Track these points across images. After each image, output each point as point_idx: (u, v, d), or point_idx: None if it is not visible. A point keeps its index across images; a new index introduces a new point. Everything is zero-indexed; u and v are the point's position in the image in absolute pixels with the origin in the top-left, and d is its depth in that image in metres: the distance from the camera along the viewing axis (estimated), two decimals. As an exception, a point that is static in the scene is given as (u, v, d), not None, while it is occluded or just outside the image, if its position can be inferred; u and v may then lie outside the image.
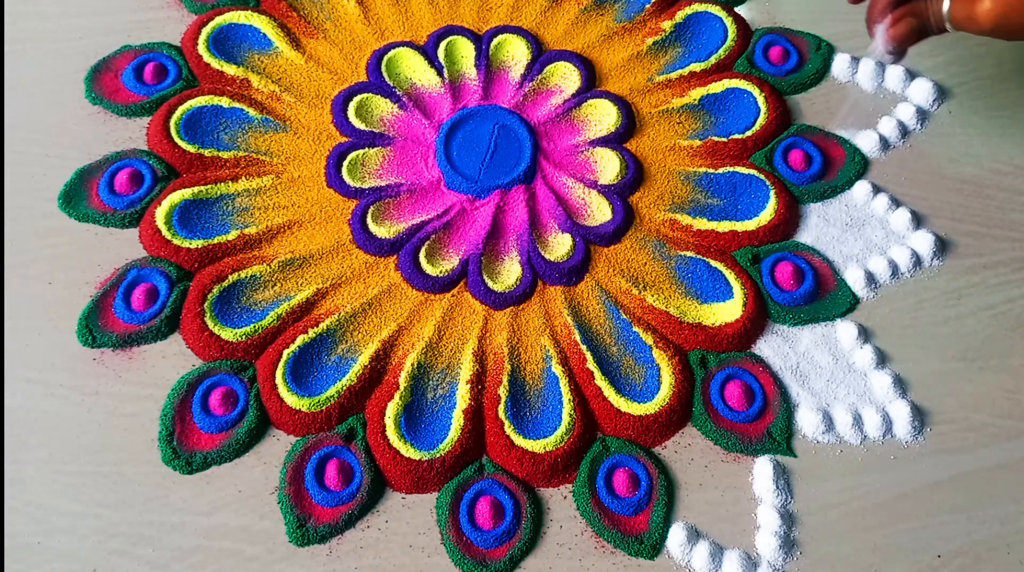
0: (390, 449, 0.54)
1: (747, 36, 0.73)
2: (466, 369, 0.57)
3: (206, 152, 0.65)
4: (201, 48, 0.69)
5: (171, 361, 0.58)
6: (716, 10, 0.74)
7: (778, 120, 0.68)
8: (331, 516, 0.53)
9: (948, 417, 0.58)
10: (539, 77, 0.70)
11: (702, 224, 0.64)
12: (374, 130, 0.67)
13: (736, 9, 0.75)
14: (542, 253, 0.62)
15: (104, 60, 0.69)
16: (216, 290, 0.59)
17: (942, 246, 0.64)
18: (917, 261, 0.63)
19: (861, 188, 0.66)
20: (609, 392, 0.57)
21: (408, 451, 0.54)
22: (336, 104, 0.68)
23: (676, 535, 0.53)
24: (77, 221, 0.63)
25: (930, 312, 0.62)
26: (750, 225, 0.64)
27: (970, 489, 0.55)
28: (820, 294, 0.62)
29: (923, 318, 0.61)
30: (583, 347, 0.58)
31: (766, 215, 0.64)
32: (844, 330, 0.60)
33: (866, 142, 0.68)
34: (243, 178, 0.64)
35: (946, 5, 0.49)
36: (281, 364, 0.57)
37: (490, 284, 0.61)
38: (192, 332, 0.58)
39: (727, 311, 0.60)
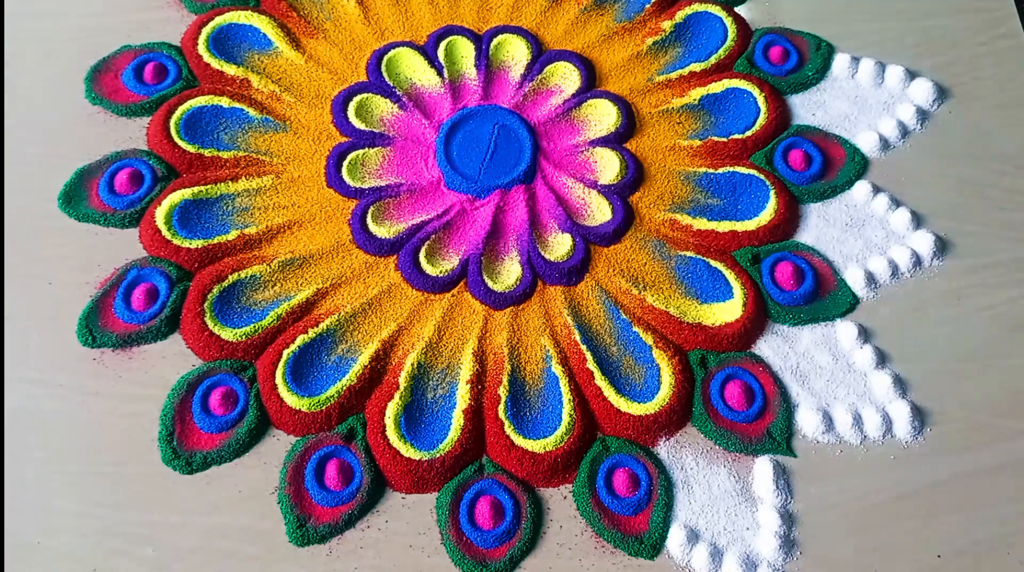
0: (390, 449, 0.54)
1: (747, 36, 0.73)
2: (466, 369, 0.57)
3: (206, 152, 0.65)
4: (201, 48, 0.69)
5: (171, 361, 0.58)
6: (716, 10, 0.74)
7: (778, 120, 0.68)
8: (331, 516, 0.53)
9: (948, 417, 0.58)
10: (539, 77, 0.70)
11: (702, 224, 0.64)
12: (374, 130, 0.67)
13: (736, 9, 0.75)
14: (542, 253, 0.62)
15: (104, 60, 0.69)
16: (216, 290, 0.59)
17: (942, 246, 0.64)
18: (917, 261, 0.63)
19: (861, 188, 0.66)
20: (609, 392, 0.57)
21: (408, 451, 0.54)
22: (336, 104, 0.68)
23: (676, 535, 0.53)
24: (77, 221, 0.62)
25: (930, 312, 0.62)
26: (750, 225, 0.64)
27: (970, 489, 0.55)
28: (820, 294, 0.62)
29: (923, 318, 0.61)
30: (583, 347, 0.58)
31: (766, 215, 0.64)
32: (844, 330, 0.60)
33: (866, 142, 0.68)
34: (243, 178, 0.64)
35: None
36: (281, 364, 0.57)
37: (490, 284, 0.60)
38: (192, 332, 0.58)
39: (727, 311, 0.60)
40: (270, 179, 0.65)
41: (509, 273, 0.61)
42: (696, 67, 0.71)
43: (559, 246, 0.63)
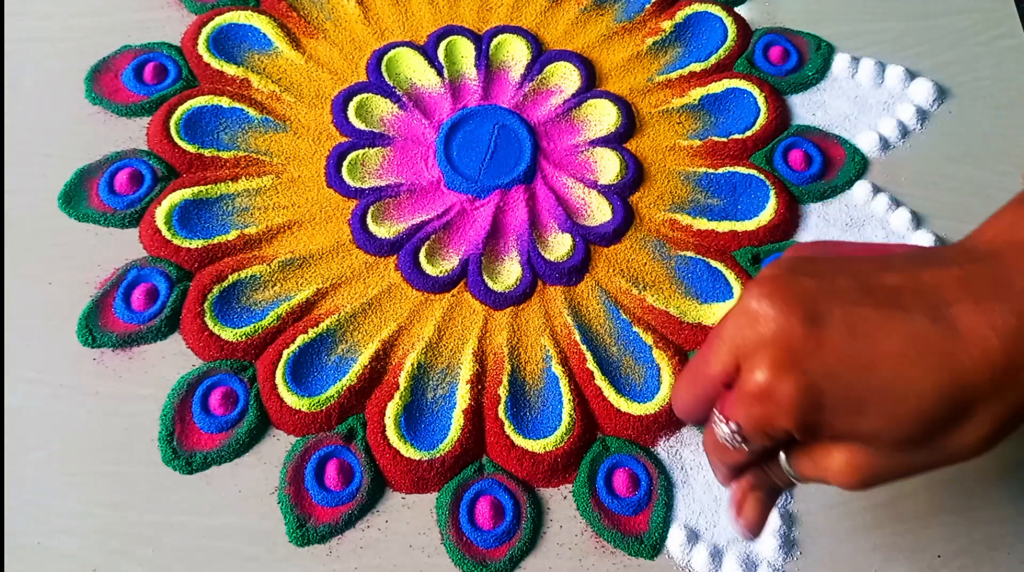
0: (390, 449, 0.54)
1: (747, 36, 0.73)
2: (466, 369, 0.57)
3: (206, 152, 0.65)
4: (201, 48, 0.69)
5: (171, 361, 0.58)
6: (716, 10, 0.74)
7: (778, 120, 0.68)
8: (331, 516, 0.53)
9: (948, 417, 0.58)
10: (539, 77, 0.70)
11: (702, 224, 0.64)
12: (374, 130, 0.67)
13: (736, 9, 0.75)
14: (542, 253, 0.62)
15: (104, 60, 0.69)
16: (216, 290, 0.59)
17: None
18: (917, 261, 0.63)
19: (861, 188, 0.66)
20: (609, 392, 0.57)
21: (408, 451, 0.54)
22: (336, 104, 0.68)
23: (676, 535, 0.53)
24: (77, 221, 0.62)
25: (930, 312, 0.61)
26: (750, 225, 0.64)
27: (970, 489, 0.55)
28: (820, 294, 0.62)
29: (923, 318, 0.61)
30: (583, 347, 0.58)
31: (766, 215, 0.64)
32: (844, 330, 0.60)
33: (866, 142, 0.68)
34: (243, 178, 0.64)
35: (784, 461, 0.39)
36: (281, 364, 0.57)
37: (490, 284, 0.60)
38: (192, 332, 0.58)
39: (727, 311, 0.60)
40: (270, 179, 0.65)
41: (509, 273, 0.61)
42: (696, 67, 0.71)
43: (559, 246, 0.63)
